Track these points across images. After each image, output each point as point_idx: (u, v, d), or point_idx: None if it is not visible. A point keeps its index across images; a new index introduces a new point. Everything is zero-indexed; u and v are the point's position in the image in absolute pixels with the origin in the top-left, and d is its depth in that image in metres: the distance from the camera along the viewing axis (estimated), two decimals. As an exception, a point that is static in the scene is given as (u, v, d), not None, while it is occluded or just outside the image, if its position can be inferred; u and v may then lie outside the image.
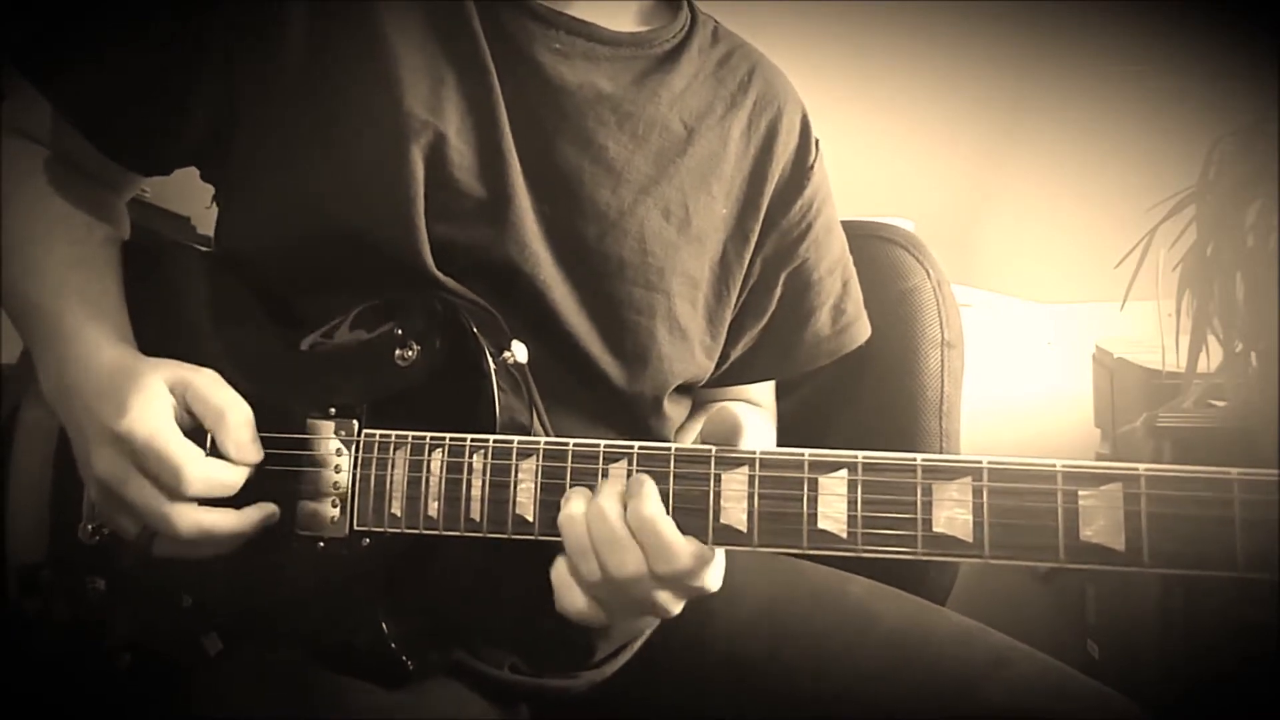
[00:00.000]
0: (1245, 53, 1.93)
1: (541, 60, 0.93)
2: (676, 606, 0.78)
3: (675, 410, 1.04)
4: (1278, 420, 1.60)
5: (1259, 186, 1.73)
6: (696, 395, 1.08)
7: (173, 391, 0.83)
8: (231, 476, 0.82)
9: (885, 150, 2.31)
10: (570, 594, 0.77)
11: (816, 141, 1.08)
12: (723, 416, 0.74)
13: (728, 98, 1.02)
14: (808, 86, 1.09)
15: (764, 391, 1.17)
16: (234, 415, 0.83)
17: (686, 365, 0.99)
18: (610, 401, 0.96)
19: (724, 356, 1.05)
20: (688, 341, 0.99)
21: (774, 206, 1.03)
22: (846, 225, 1.15)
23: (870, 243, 1.32)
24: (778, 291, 1.06)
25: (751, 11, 1.11)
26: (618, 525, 0.73)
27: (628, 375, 0.96)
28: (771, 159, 1.03)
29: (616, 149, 0.94)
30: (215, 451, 0.82)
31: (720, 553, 0.77)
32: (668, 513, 0.74)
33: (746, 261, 1.02)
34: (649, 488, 0.73)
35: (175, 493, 0.79)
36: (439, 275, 0.88)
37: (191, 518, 0.80)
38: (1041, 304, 2.48)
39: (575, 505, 0.75)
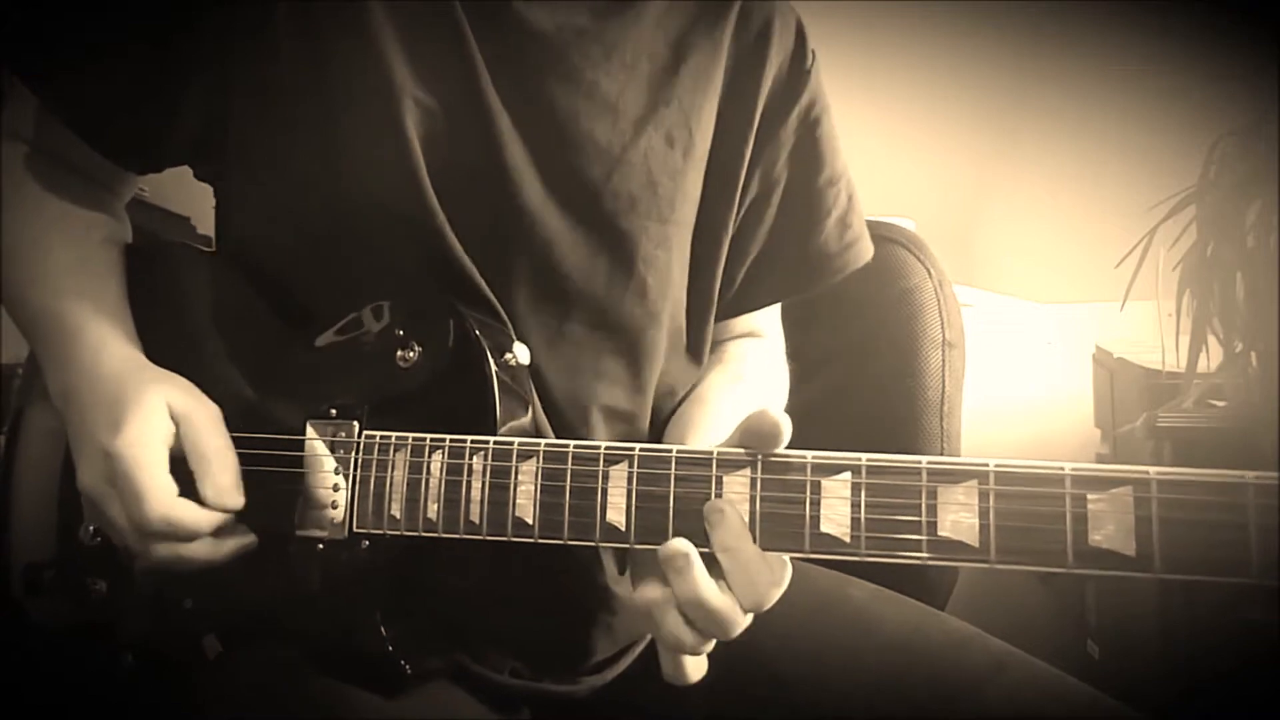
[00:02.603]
0: (1245, 53, 1.93)
1: (515, 8, 0.91)
2: (746, 621, 0.77)
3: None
4: (1278, 420, 1.60)
5: (1259, 186, 1.74)
6: None
7: (173, 417, 0.82)
8: (195, 521, 0.80)
9: (886, 150, 2.31)
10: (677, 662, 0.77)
11: (813, 50, 1.05)
12: (767, 422, 0.73)
13: (714, 8, 0.99)
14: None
15: (769, 320, 1.14)
16: (219, 460, 0.82)
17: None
18: (633, 348, 0.95)
19: (729, 281, 1.03)
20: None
21: (770, 111, 1.01)
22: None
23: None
24: (777, 204, 1.04)
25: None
26: (719, 606, 0.72)
27: (648, 315, 0.94)
28: (765, 61, 1.00)
29: (608, 83, 0.92)
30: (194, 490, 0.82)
31: (785, 557, 0.75)
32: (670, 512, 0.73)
33: (743, 171, 1.00)
34: (731, 514, 0.72)
35: (135, 524, 0.79)
36: (455, 245, 0.87)
37: (160, 545, 0.80)
38: (1041, 304, 2.48)
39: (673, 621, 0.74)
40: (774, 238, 1.04)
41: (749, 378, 0.92)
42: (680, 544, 0.72)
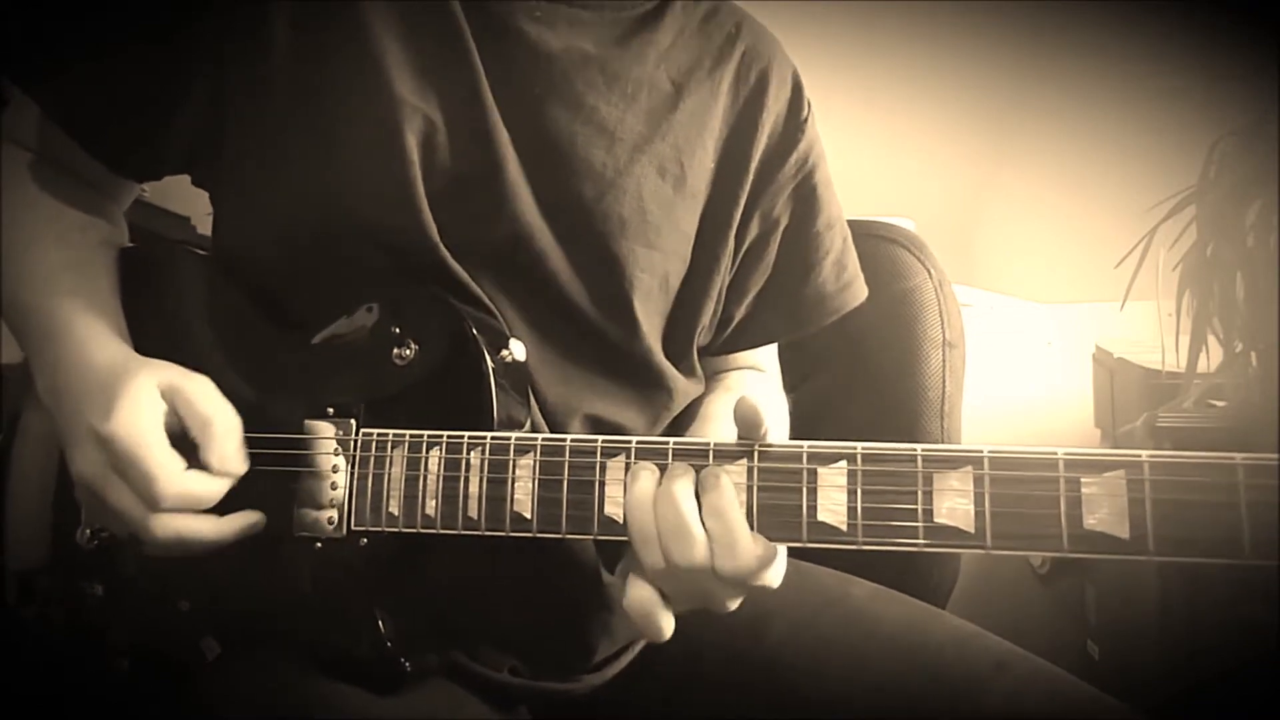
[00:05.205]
0: (1245, 53, 1.92)
1: (524, 29, 0.92)
2: (735, 603, 0.77)
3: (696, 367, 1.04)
4: (1278, 420, 1.60)
5: (1259, 186, 1.73)
6: (704, 364, 1.08)
7: (164, 396, 0.82)
8: (208, 490, 0.81)
9: (885, 150, 2.31)
10: (639, 592, 0.75)
11: (809, 101, 1.06)
12: (745, 408, 0.73)
13: (715, 51, 1.01)
14: (807, 86, 1.08)
15: (768, 356, 1.16)
16: (219, 424, 0.81)
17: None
18: (623, 363, 0.96)
19: (727, 319, 1.05)
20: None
21: (768, 160, 1.02)
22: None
23: (871, 242, 1.32)
24: (776, 247, 1.05)
25: (750, 11, 1.10)
26: (688, 512, 0.72)
27: (632, 333, 0.95)
28: (762, 110, 1.01)
29: (608, 109, 0.94)
30: (199, 462, 0.81)
31: (782, 549, 0.75)
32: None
33: (736, 217, 1.01)
34: (725, 482, 0.72)
35: (148, 503, 0.79)
36: (448, 258, 0.88)
37: (168, 525, 0.79)
38: (1041, 304, 2.47)
39: (644, 485, 0.74)
40: (773, 278, 1.06)
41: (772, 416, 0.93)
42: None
